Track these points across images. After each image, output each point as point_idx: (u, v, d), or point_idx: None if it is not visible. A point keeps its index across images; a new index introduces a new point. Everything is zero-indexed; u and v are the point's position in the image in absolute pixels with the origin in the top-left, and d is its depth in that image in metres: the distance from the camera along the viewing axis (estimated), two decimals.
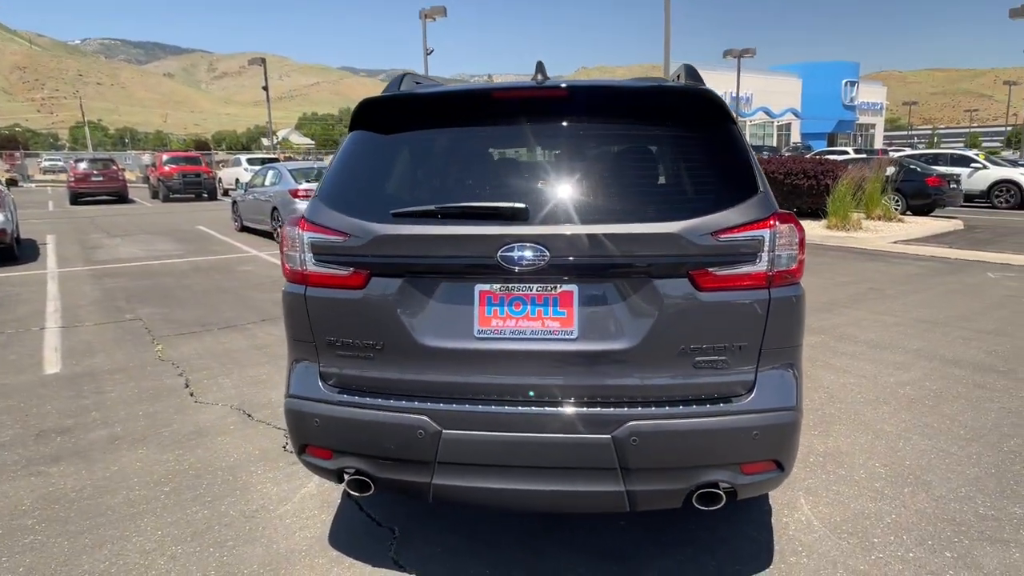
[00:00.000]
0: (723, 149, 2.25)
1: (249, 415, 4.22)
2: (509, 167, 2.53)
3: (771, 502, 3.04)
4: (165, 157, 27.92)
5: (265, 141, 68.89)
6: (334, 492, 3.24)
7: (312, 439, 2.40)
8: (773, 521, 2.89)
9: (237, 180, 25.98)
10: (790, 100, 54.16)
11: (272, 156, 30.67)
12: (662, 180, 2.32)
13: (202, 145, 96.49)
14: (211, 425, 4.08)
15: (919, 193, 15.70)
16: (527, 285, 2.17)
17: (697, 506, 2.21)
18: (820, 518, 2.91)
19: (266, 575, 2.61)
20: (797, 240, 2.16)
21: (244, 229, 14.80)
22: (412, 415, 2.22)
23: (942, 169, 17.17)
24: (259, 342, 5.92)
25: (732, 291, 2.12)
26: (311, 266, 2.32)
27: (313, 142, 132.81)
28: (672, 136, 2.31)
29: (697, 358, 2.14)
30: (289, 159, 36.50)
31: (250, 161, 27.77)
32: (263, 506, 3.12)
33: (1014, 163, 21.46)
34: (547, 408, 2.17)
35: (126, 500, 3.19)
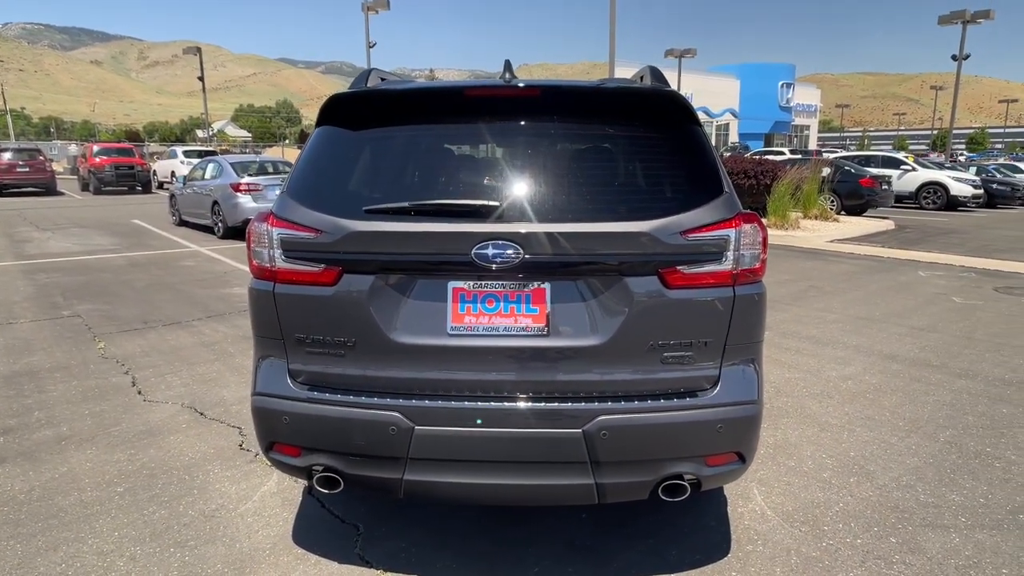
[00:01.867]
0: (689, 150, 2.32)
1: (201, 413, 4.11)
2: (481, 165, 2.55)
3: (726, 493, 3.15)
4: (96, 148, 26.65)
5: (200, 133, 66.52)
6: (295, 490, 3.20)
7: (280, 437, 2.37)
8: (729, 512, 3.00)
9: (173, 173, 25.06)
10: (729, 100, 55.60)
11: (210, 149, 29.67)
12: (631, 180, 2.38)
13: (133, 136, 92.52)
14: (162, 424, 3.95)
15: (853, 193, 16.45)
16: (500, 282, 2.20)
17: (663, 497, 2.29)
18: (773, 508, 3.04)
19: (230, 574, 2.57)
20: (760, 239, 2.25)
21: (183, 223, 14.33)
22: (384, 412, 2.22)
23: (874, 171, 18.01)
24: (207, 339, 5.76)
25: (699, 288, 2.19)
26: (280, 262, 2.28)
27: (250, 135, 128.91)
28: (640, 137, 2.36)
29: (665, 354, 2.21)
30: (227, 152, 35.40)
31: (187, 153, 26.82)
32: (222, 505, 3.06)
33: (940, 166, 22.70)
34: (519, 404, 2.21)
35: (79, 501, 3.07)
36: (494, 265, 2.13)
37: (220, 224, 12.33)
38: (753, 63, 60.45)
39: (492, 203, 2.16)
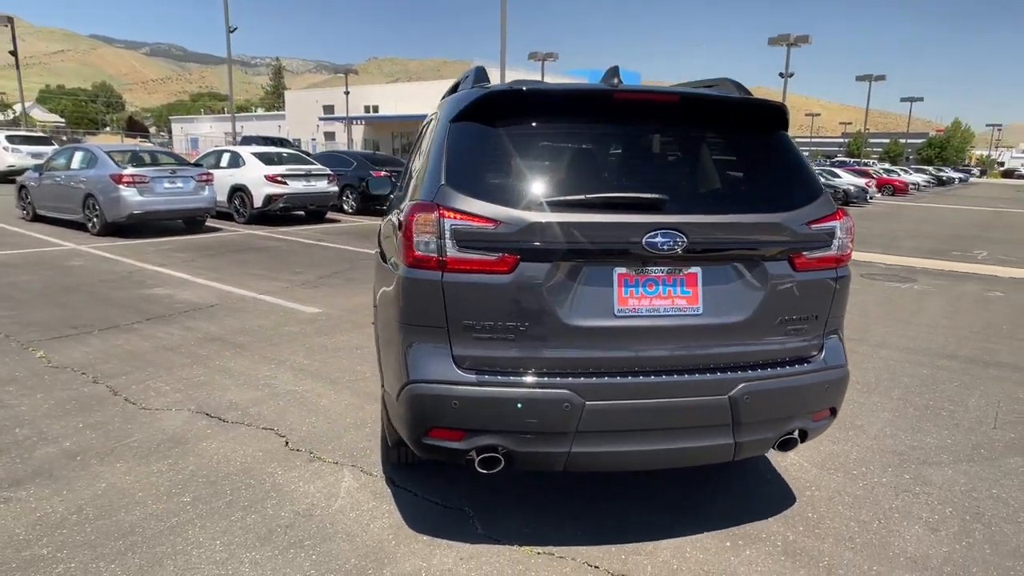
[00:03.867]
0: (794, 153, 2.72)
1: (221, 419, 3.91)
2: (633, 162, 2.76)
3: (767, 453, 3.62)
4: None
5: None
6: (377, 483, 3.21)
7: (442, 421, 2.44)
8: (777, 468, 3.46)
9: None
10: None
11: (41, 135, 26.26)
12: (761, 178, 2.72)
13: None
14: (183, 432, 3.72)
15: None
16: (659, 268, 2.45)
17: (777, 451, 2.67)
18: (808, 461, 3.55)
19: (371, 566, 2.58)
20: (851, 230, 2.70)
21: (38, 218, 12.73)
22: (557, 390, 2.38)
23: None
24: (165, 343, 5.35)
25: (815, 271, 2.59)
26: (452, 252, 2.36)
27: (63, 120, 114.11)
28: (761, 141, 2.71)
29: (789, 327, 2.58)
30: (51, 137, 31.42)
31: (11, 139, 23.51)
32: (314, 504, 3.01)
33: None
34: (675, 376, 2.47)
35: (149, 515, 2.87)
36: (661, 252, 2.37)
37: (96, 220, 11.12)
38: (602, 70, 63.82)
39: (657, 196, 2.41)
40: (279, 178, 13.28)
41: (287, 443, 3.61)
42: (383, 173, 15.54)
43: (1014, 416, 4.24)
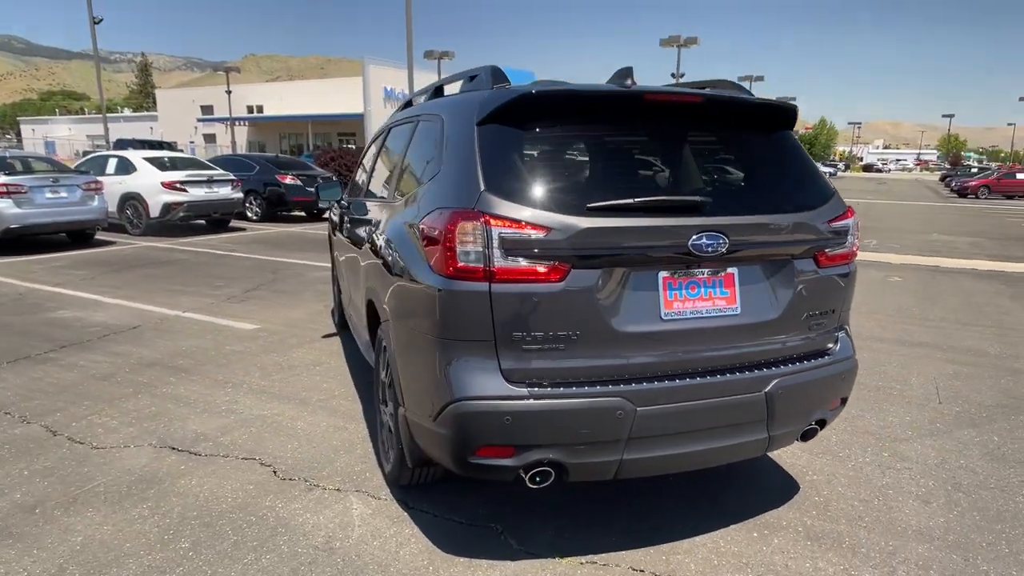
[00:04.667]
0: (804, 154, 2.84)
1: (192, 452, 3.57)
2: (667, 163, 2.76)
3: None
4: None
5: None
6: (390, 507, 3.05)
7: (492, 439, 2.35)
8: (772, 457, 3.60)
9: None
10: None
11: None
12: (783, 178, 2.79)
13: None
14: (153, 470, 3.36)
15: None
16: (700, 270, 2.48)
17: (799, 441, 2.79)
18: (795, 447, 3.71)
19: None
20: (858, 225, 2.85)
21: None
22: (609, 398, 2.36)
23: None
24: (94, 372, 4.83)
25: (834, 267, 2.72)
26: (500, 262, 2.27)
27: None
28: (777, 143, 2.80)
29: (812, 322, 2.70)
30: None
31: None
32: (330, 536, 2.81)
33: None
34: (717, 376, 2.52)
35: (147, 568, 2.57)
36: (706, 254, 2.40)
37: None
38: (502, 68, 64.14)
39: (699, 198, 2.43)
40: (178, 185, 12.36)
41: (275, 472, 3.36)
42: (289, 178, 14.86)
43: (952, 391, 4.67)
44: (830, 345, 2.80)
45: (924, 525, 2.96)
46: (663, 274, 2.44)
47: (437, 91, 3.55)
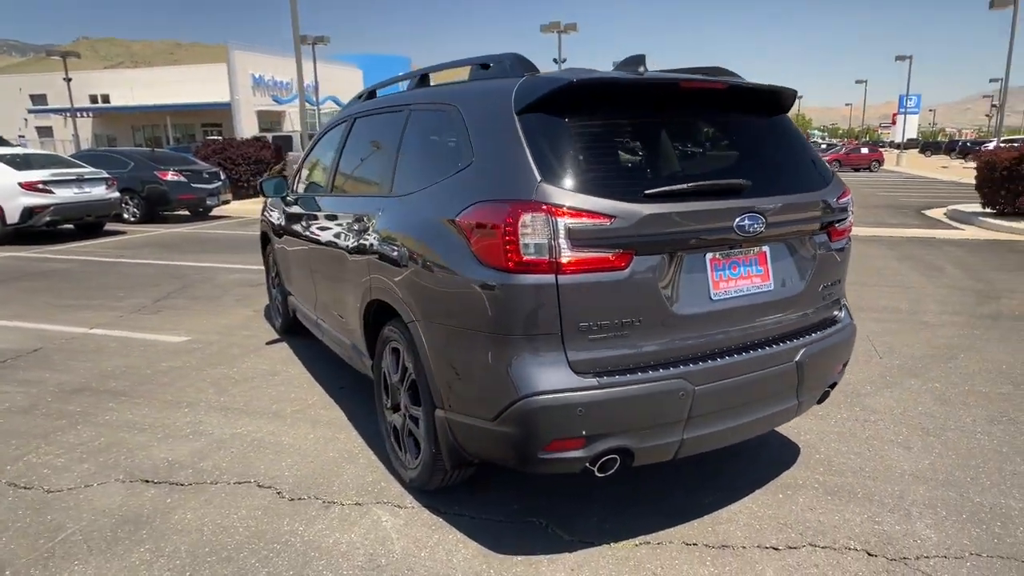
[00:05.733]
0: (803, 137, 2.98)
1: (173, 483, 3.22)
2: (700, 148, 2.78)
3: None
4: None
5: None
6: (422, 514, 2.91)
7: (563, 432, 2.31)
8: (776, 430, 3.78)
9: None
10: (355, 90, 56.59)
11: None
12: (798, 159, 2.90)
13: None
14: (135, 509, 3.00)
15: None
16: (739, 250, 2.55)
17: (816, 404, 2.97)
18: None
19: None
20: (853, 202, 3.05)
21: None
22: (671, 380, 2.38)
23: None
24: (10, 406, 4.23)
25: (841, 240, 2.90)
26: (567, 252, 2.21)
27: None
28: (783, 126, 2.90)
29: (826, 292, 2.86)
30: None
31: None
32: (372, 553, 2.64)
33: None
34: (759, 351, 2.61)
35: None
36: (747, 234, 2.47)
37: None
38: (373, 54, 62.27)
39: (742, 181, 2.49)
40: (40, 185, 10.99)
41: (280, 494, 3.10)
42: (171, 174, 13.70)
43: (886, 346, 5.15)
44: (836, 313, 2.99)
45: (915, 468, 3.24)
46: (710, 255, 2.49)
47: (423, 79, 3.41)
